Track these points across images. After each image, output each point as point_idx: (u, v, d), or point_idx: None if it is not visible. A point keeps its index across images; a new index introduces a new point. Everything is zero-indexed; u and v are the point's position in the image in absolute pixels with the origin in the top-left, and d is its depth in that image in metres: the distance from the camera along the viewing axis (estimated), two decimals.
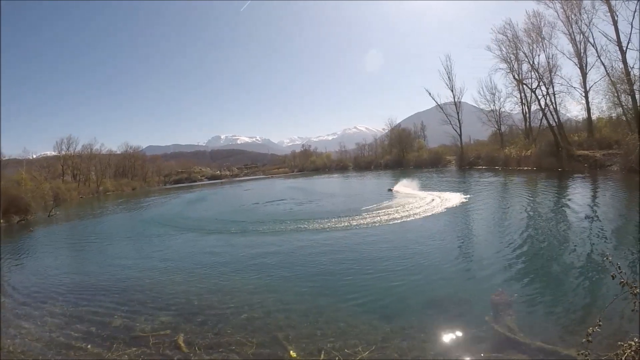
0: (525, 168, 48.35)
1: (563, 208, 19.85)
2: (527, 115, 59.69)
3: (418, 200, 24.12)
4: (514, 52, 55.54)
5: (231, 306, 9.74)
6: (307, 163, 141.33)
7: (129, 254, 18.26)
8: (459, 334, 7.19)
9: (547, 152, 46.66)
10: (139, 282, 12.94)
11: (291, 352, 7.08)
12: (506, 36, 55.82)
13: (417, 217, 18.88)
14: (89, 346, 8.19)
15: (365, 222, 18.82)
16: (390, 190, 37.45)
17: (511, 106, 63.88)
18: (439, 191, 29.04)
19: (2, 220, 35.99)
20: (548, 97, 50.61)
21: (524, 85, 56.27)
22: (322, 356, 6.91)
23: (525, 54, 53.85)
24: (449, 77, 72.48)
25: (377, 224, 18.07)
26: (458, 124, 71.92)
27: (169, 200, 55.03)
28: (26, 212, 39.43)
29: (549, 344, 6.57)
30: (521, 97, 59.32)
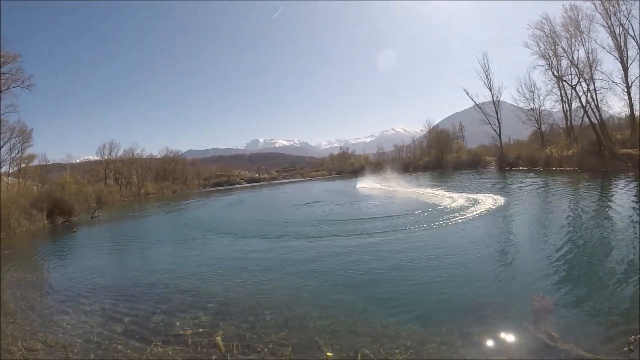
0: (567, 168, 46.39)
1: (606, 211, 19.00)
2: (568, 113, 57.20)
3: (457, 205, 23.63)
4: (552, 47, 53.62)
5: (269, 307, 9.74)
6: (345, 165, 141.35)
7: (169, 255, 18.61)
8: (498, 339, 6.97)
9: (589, 151, 44.68)
10: (178, 283, 13.09)
11: (328, 353, 7.07)
12: (543, 31, 54.11)
13: (456, 221, 18.43)
14: (129, 342, 8.34)
15: (402, 225, 18.49)
16: (355, 186, 48.37)
17: (551, 104, 61.21)
18: (474, 193, 28.39)
19: (46, 221, 36.98)
20: (589, 94, 48.56)
21: (564, 82, 54.24)
22: (359, 357, 6.85)
23: (563, 49, 52.00)
24: (486, 76, 70.48)
25: (415, 228, 17.73)
26: (497, 124, 69.94)
27: (208, 202, 55.91)
28: (70, 213, 40.95)
29: (590, 352, 6.28)
30: (561, 95, 57.07)
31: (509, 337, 7.01)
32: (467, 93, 73.33)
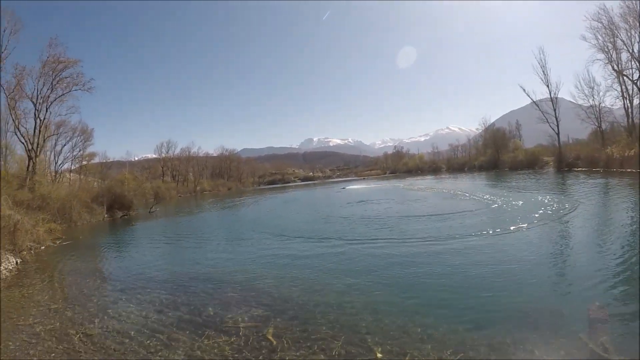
0: (629, 170, 43.32)
1: None
2: (630, 110, 53.96)
3: (511, 208, 22.95)
4: (611, 40, 51.38)
5: (320, 305, 9.74)
6: (399, 165, 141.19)
7: (223, 251, 18.85)
8: (550, 349, 6.66)
9: None
10: (232, 277, 13.32)
11: (377, 352, 7.03)
12: (601, 23, 51.71)
13: (512, 227, 17.85)
14: (181, 332, 8.58)
15: (457, 228, 18.04)
16: (343, 188, 53.99)
17: (612, 101, 57.77)
18: (530, 196, 27.37)
19: (106, 215, 38.54)
20: None
21: (624, 77, 51.59)
22: (407, 358, 6.78)
23: (623, 41, 49.77)
24: (543, 72, 67.20)
25: (469, 231, 17.15)
26: (555, 122, 66.90)
27: (263, 200, 56.83)
28: (129, 208, 43.01)
29: None
30: (622, 90, 54.15)
31: (562, 348, 6.71)
32: (524, 90, 70.89)
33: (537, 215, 19.34)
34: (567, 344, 6.79)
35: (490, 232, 16.60)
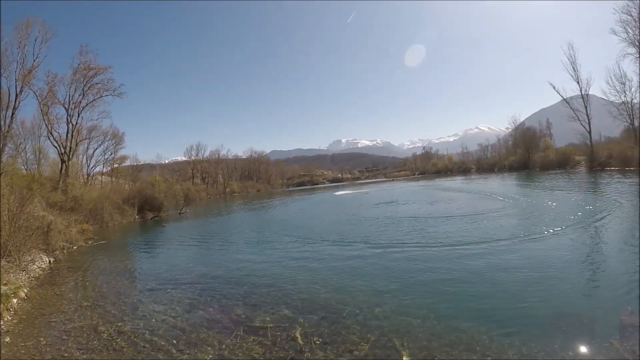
0: None
1: None
2: None
3: (544, 211, 22.40)
4: None
5: (349, 307, 9.70)
6: (428, 166, 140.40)
7: (253, 252, 18.90)
8: (579, 353, 6.55)
9: None
10: (261, 278, 13.37)
11: (404, 355, 6.98)
12: (631, 16, 49.30)
13: (544, 230, 17.37)
14: (210, 331, 8.70)
15: (487, 230, 17.77)
16: (334, 194, 56.47)
17: None
18: (563, 198, 26.86)
19: (137, 216, 39.35)
20: None
21: None
22: None
23: None
24: (573, 68, 65.04)
25: (500, 235, 16.81)
26: (587, 120, 64.46)
27: (291, 202, 57.18)
28: (159, 209, 43.84)
29: None
30: None
31: (592, 353, 6.55)
32: (554, 87, 68.12)
33: (570, 218, 18.83)
34: (597, 349, 6.64)
35: (522, 235, 16.27)
